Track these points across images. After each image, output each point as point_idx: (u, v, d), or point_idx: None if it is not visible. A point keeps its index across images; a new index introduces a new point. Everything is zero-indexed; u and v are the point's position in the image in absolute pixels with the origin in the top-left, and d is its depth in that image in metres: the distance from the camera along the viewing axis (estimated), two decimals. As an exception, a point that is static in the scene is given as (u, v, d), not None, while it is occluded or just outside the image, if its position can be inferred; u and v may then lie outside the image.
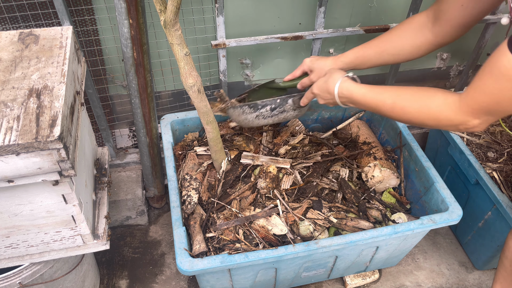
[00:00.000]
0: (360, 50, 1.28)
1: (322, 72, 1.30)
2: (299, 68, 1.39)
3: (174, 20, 1.10)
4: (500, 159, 1.66)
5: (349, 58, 1.29)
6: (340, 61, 1.30)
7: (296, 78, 1.41)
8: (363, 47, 1.28)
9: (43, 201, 1.08)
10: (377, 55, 1.26)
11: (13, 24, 1.45)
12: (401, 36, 1.22)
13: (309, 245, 1.30)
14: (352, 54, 1.29)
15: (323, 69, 1.30)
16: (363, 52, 1.27)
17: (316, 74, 1.33)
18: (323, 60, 1.32)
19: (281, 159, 1.59)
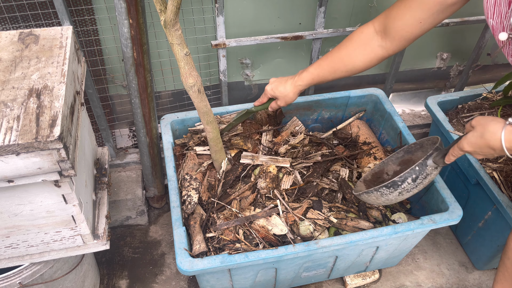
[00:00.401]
0: (314, 70, 1.33)
1: (287, 98, 1.39)
2: (264, 96, 1.47)
3: (174, 20, 1.10)
4: (500, 159, 1.65)
5: (306, 81, 1.35)
6: (298, 84, 1.36)
7: (265, 103, 1.49)
8: (317, 67, 1.33)
9: (43, 201, 1.08)
10: (332, 74, 1.31)
11: (13, 24, 1.45)
12: (351, 55, 1.26)
13: (309, 245, 1.30)
14: (309, 75, 1.34)
15: (287, 94, 1.38)
16: (318, 73, 1.33)
17: (281, 100, 1.41)
18: (282, 85, 1.39)
19: (280, 158, 1.59)
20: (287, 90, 1.38)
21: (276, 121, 1.74)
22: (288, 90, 1.38)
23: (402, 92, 2.24)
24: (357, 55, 1.26)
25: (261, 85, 1.97)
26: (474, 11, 1.92)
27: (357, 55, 1.26)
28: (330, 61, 1.31)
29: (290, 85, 1.38)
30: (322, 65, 1.33)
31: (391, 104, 1.77)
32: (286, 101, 1.41)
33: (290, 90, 1.38)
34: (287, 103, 1.42)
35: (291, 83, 1.37)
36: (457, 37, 2.04)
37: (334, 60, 1.30)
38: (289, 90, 1.38)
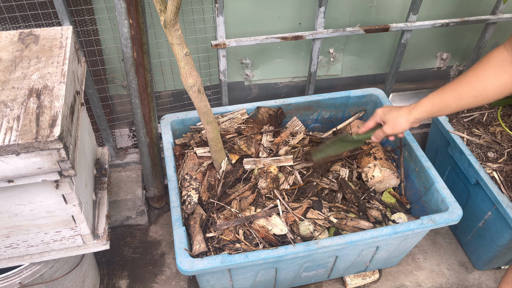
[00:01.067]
0: (436, 96, 1.18)
1: (397, 124, 1.25)
2: (372, 119, 1.35)
3: (174, 20, 1.10)
4: (500, 159, 1.65)
5: (425, 107, 1.20)
6: (416, 110, 1.22)
7: (370, 129, 1.37)
8: (439, 92, 1.18)
9: (43, 201, 1.08)
10: (457, 99, 1.15)
11: (13, 24, 1.45)
12: (481, 76, 1.11)
13: (309, 245, 1.30)
14: (428, 102, 1.20)
15: (397, 120, 1.25)
16: (440, 98, 1.17)
17: (390, 126, 1.27)
18: (396, 111, 1.26)
19: (282, 157, 1.59)
20: (400, 115, 1.24)
21: (277, 121, 1.74)
22: (401, 115, 1.24)
23: (402, 92, 2.24)
24: (488, 76, 1.10)
25: (261, 85, 1.97)
26: (474, 11, 1.92)
27: (488, 76, 1.10)
28: (455, 85, 1.15)
29: (405, 111, 1.24)
30: (445, 90, 1.17)
31: (391, 104, 1.77)
32: (394, 128, 1.26)
33: (403, 116, 1.23)
34: (395, 131, 1.27)
35: (406, 108, 1.24)
36: (457, 37, 2.04)
37: (460, 83, 1.14)
38: (402, 115, 1.24)
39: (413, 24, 1.76)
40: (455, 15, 1.91)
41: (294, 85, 2.02)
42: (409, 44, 1.91)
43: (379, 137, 1.33)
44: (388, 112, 1.28)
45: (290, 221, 1.41)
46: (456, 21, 1.80)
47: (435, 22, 1.79)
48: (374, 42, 1.95)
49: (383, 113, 1.30)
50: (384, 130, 1.29)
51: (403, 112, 1.24)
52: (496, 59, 1.09)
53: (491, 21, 1.84)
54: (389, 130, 1.28)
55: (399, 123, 1.25)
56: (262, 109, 1.72)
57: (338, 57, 1.96)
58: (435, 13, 1.89)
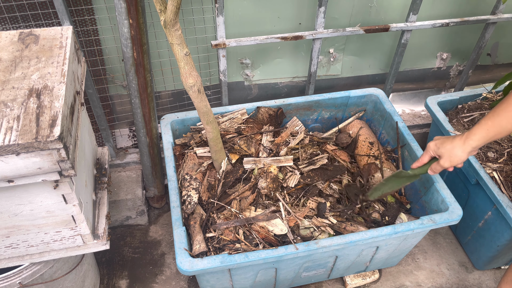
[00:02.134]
0: (488, 121, 1.13)
1: (453, 156, 1.20)
2: (425, 154, 1.30)
3: (174, 20, 1.10)
4: (500, 159, 1.65)
5: (479, 134, 1.15)
6: (471, 139, 1.17)
7: (425, 164, 1.32)
8: (490, 117, 1.13)
9: (43, 201, 1.08)
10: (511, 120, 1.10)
11: (13, 24, 1.45)
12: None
13: (309, 245, 1.30)
14: (482, 128, 1.15)
15: (453, 153, 1.20)
16: (493, 122, 1.12)
17: (447, 159, 1.22)
18: (449, 143, 1.21)
19: (282, 157, 1.59)
20: (455, 147, 1.19)
21: (277, 121, 1.74)
22: (456, 147, 1.19)
23: (402, 92, 2.24)
24: None
25: (261, 85, 1.97)
26: (474, 11, 1.92)
27: None
28: (507, 105, 1.09)
29: (459, 141, 1.19)
30: (496, 112, 1.11)
31: (391, 104, 1.77)
32: (452, 160, 1.21)
33: (459, 148, 1.19)
34: (453, 163, 1.22)
35: (460, 138, 1.19)
36: (457, 37, 2.05)
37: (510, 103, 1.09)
38: (458, 147, 1.19)
39: (413, 24, 1.76)
40: (455, 15, 1.91)
41: (294, 85, 2.02)
42: (409, 44, 1.91)
43: (436, 171, 1.28)
44: (441, 145, 1.23)
45: (291, 223, 1.41)
46: (456, 21, 1.80)
47: (435, 22, 1.79)
48: (374, 42, 1.95)
49: (436, 147, 1.25)
50: (441, 164, 1.24)
51: (457, 143, 1.19)
52: None
53: (491, 21, 1.84)
54: (447, 164, 1.23)
55: (456, 155, 1.20)
56: (262, 109, 1.72)
57: (338, 57, 1.96)
58: (435, 13, 1.89)
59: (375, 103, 1.83)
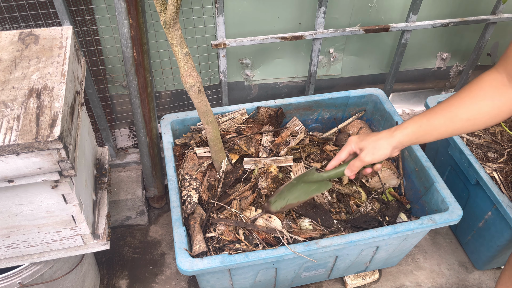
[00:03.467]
0: (423, 118, 1.05)
1: (377, 149, 1.08)
2: (344, 149, 1.15)
3: (174, 20, 1.10)
4: (500, 159, 1.65)
5: (411, 129, 1.05)
6: (400, 132, 1.06)
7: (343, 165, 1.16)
8: (426, 114, 1.05)
9: (43, 201, 1.08)
10: (448, 122, 1.01)
11: (13, 24, 1.45)
12: (475, 97, 0.99)
13: (309, 245, 1.30)
14: (415, 123, 1.05)
15: (378, 144, 1.08)
16: (428, 120, 1.03)
17: (369, 151, 1.09)
18: (374, 135, 1.10)
19: (283, 157, 1.59)
20: (380, 138, 1.08)
21: (277, 121, 1.74)
22: (381, 138, 1.08)
23: (402, 92, 2.24)
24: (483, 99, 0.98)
25: (261, 85, 1.97)
26: (474, 11, 1.92)
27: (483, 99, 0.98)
28: (445, 106, 1.02)
29: (386, 133, 1.08)
30: (434, 111, 1.04)
31: (391, 104, 1.77)
32: (374, 153, 1.08)
33: (384, 139, 1.07)
34: (375, 156, 1.08)
35: (388, 131, 1.08)
36: (457, 37, 2.05)
37: (450, 104, 1.02)
38: (383, 138, 1.07)
39: (413, 24, 1.76)
40: (455, 15, 1.91)
41: (294, 85, 2.02)
42: (409, 44, 1.91)
43: (355, 168, 1.12)
44: (365, 138, 1.11)
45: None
46: (456, 21, 1.80)
47: (435, 22, 1.79)
48: (374, 42, 1.95)
49: (359, 139, 1.12)
50: (362, 158, 1.10)
51: (384, 135, 1.08)
52: (491, 81, 0.99)
53: (491, 21, 1.84)
54: (369, 157, 1.09)
55: (380, 147, 1.07)
56: (262, 109, 1.72)
57: (338, 57, 1.96)
58: (435, 13, 1.89)
59: (375, 103, 1.83)
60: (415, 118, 1.06)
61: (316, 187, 1.21)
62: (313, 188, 1.21)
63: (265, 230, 1.36)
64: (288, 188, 1.23)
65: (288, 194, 1.23)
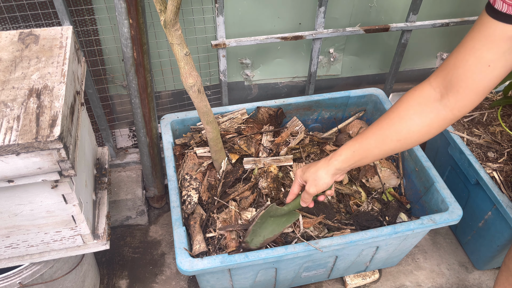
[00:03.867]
0: (355, 143, 1.07)
1: (318, 180, 1.12)
2: (295, 183, 1.22)
3: (174, 20, 1.10)
4: (500, 159, 1.65)
5: (345, 155, 1.08)
6: (335, 160, 1.09)
7: (298, 195, 1.24)
8: (358, 139, 1.07)
9: (43, 201, 1.08)
10: (379, 145, 1.03)
11: (13, 24, 1.45)
12: (404, 117, 0.99)
13: (309, 245, 1.30)
14: (348, 149, 1.08)
15: (317, 175, 1.12)
16: (360, 145, 1.06)
17: (312, 183, 1.14)
18: (313, 166, 1.13)
19: (283, 157, 1.59)
20: (318, 168, 1.11)
21: (277, 121, 1.74)
22: (319, 168, 1.11)
23: (402, 92, 2.24)
24: (411, 117, 0.98)
25: (261, 85, 1.97)
26: (474, 11, 1.92)
27: (411, 117, 0.98)
28: (376, 128, 1.03)
29: (323, 163, 1.11)
30: (365, 135, 1.05)
31: (391, 104, 1.77)
32: (317, 184, 1.12)
33: (322, 169, 1.11)
34: (318, 187, 1.12)
35: (324, 160, 1.12)
36: (457, 37, 2.04)
37: (382, 126, 1.02)
38: (321, 168, 1.11)
39: (413, 24, 1.76)
40: (455, 15, 1.91)
41: (294, 85, 2.02)
42: (409, 44, 1.91)
43: (306, 200, 1.18)
44: (306, 170, 1.15)
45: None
46: (456, 21, 1.80)
47: (435, 22, 1.79)
48: (374, 42, 1.95)
49: (302, 172, 1.17)
50: (307, 191, 1.14)
51: (321, 165, 1.11)
52: (419, 98, 0.98)
53: (491, 21, 1.83)
54: (312, 189, 1.13)
55: (320, 178, 1.11)
56: (262, 109, 1.72)
57: (338, 57, 1.96)
58: (435, 13, 1.89)
59: (375, 103, 1.83)
60: (348, 143, 1.08)
61: (286, 219, 1.30)
62: (283, 220, 1.30)
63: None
64: (259, 226, 1.30)
65: (262, 231, 1.31)
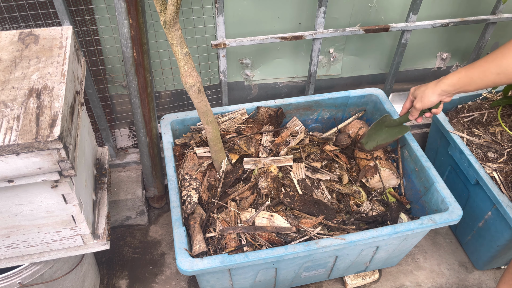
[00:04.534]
0: (462, 71, 1.23)
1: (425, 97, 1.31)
2: (407, 99, 1.42)
3: (174, 20, 1.10)
4: (500, 159, 1.65)
5: (451, 80, 1.25)
6: (442, 82, 1.27)
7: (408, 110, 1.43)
8: (465, 68, 1.23)
9: (43, 201, 1.08)
10: (481, 76, 1.18)
11: (13, 24, 1.45)
12: (507, 55, 1.13)
13: (309, 245, 1.30)
14: (455, 75, 1.25)
15: (425, 93, 1.31)
16: (466, 73, 1.22)
17: (419, 100, 1.34)
18: (424, 85, 1.33)
19: (282, 157, 1.59)
20: (427, 87, 1.31)
21: (277, 121, 1.74)
22: (428, 88, 1.30)
23: (402, 92, 2.24)
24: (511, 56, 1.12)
25: (261, 85, 1.97)
26: (474, 11, 1.92)
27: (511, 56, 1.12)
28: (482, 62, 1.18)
29: (432, 84, 1.30)
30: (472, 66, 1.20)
31: (391, 104, 1.77)
32: (423, 101, 1.33)
33: (430, 89, 1.30)
34: (424, 103, 1.33)
35: (434, 81, 1.30)
36: (457, 37, 2.04)
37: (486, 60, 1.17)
38: (429, 88, 1.30)
39: (413, 24, 1.76)
40: (455, 15, 1.91)
41: (294, 85, 2.02)
42: (409, 44, 1.91)
43: (414, 114, 1.37)
44: (418, 88, 1.35)
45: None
46: (456, 21, 1.80)
47: (435, 22, 1.79)
48: (374, 42, 1.95)
49: (414, 89, 1.36)
50: (414, 105, 1.35)
51: (430, 85, 1.30)
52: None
53: (491, 21, 1.84)
54: (419, 104, 1.33)
55: (427, 95, 1.29)
56: (262, 109, 1.72)
57: (338, 57, 1.96)
58: (435, 13, 1.89)
59: (375, 103, 1.83)
60: (457, 71, 1.24)
61: (398, 130, 1.49)
62: (396, 131, 1.49)
63: (274, 231, 1.36)
64: (374, 131, 1.50)
65: (376, 137, 1.51)
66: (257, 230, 1.37)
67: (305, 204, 1.46)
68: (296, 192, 1.52)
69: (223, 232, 1.37)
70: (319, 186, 1.57)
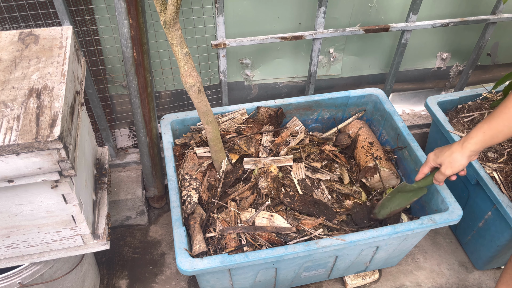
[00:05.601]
0: (484, 124, 1.14)
1: (454, 162, 1.21)
2: (425, 165, 1.32)
3: (174, 20, 1.10)
4: (500, 159, 1.65)
5: (476, 138, 1.16)
6: (468, 143, 1.17)
7: (427, 175, 1.34)
8: (486, 120, 1.14)
9: (43, 201, 1.08)
10: (507, 123, 1.10)
11: (13, 24, 1.45)
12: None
13: (309, 245, 1.30)
14: (478, 132, 1.15)
15: (453, 159, 1.21)
16: (489, 126, 1.13)
17: (447, 166, 1.23)
18: (447, 150, 1.23)
19: (282, 157, 1.59)
20: (454, 152, 1.20)
21: (277, 121, 1.74)
22: (455, 152, 1.20)
23: (402, 92, 2.24)
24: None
25: (261, 85, 1.97)
26: (474, 11, 1.92)
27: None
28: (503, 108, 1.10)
29: (457, 147, 1.20)
30: (493, 116, 1.12)
31: (391, 104, 1.77)
32: (453, 167, 1.22)
33: (457, 153, 1.19)
34: (454, 169, 1.22)
35: (457, 144, 1.20)
36: (457, 37, 2.05)
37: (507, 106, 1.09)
38: (456, 152, 1.20)
39: (413, 24, 1.76)
40: (455, 15, 1.91)
41: (294, 85, 2.02)
42: (409, 44, 1.91)
43: (440, 180, 1.29)
44: (440, 154, 1.25)
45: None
46: (456, 21, 1.80)
47: (435, 22, 1.79)
48: (374, 42, 1.95)
49: (436, 156, 1.27)
50: (443, 172, 1.25)
51: (456, 148, 1.20)
52: None
53: (491, 21, 1.84)
54: (449, 171, 1.23)
55: (456, 161, 1.20)
56: (262, 109, 1.72)
57: (338, 57, 1.96)
58: (435, 13, 1.89)
59: (375, 103, 1.83)
60: (478, 126, 1.16)
61: (413, 194, 1.41)
62: (410, 195, 1.42)
63: (274, 231, 1.36)
64: (387, 200, 1.44)
65: (389, 204, 1.45)
66: (257, 230, 1.36)
67: (305, 204, 1.46)
68: (296, 192, 1.52)
69: (223, 232, 1.37)
70: (319, 186, 1.57)
